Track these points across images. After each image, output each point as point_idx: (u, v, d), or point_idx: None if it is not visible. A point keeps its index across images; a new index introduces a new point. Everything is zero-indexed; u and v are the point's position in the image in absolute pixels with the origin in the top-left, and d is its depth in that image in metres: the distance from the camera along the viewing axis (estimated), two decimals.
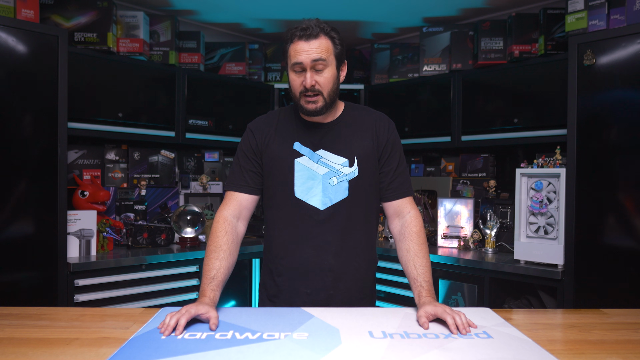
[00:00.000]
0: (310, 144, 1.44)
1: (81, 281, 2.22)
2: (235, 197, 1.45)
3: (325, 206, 1.42)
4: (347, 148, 1.43)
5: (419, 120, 3.13)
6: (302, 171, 1.42)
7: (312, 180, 1.42)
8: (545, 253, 2.27)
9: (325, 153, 1.43)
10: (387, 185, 1.47)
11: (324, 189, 1.41)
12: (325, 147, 1.43)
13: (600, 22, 2.22)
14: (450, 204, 2.88)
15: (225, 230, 1.37)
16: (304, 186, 1.42)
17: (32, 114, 2.11)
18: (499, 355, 1.01)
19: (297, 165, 1.42)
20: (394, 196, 1.47)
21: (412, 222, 1.43)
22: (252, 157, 1.47)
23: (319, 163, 1.42)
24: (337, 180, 1.42)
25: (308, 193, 1.42)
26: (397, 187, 1.47)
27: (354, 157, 1.43)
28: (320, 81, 1.35)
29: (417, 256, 1.37)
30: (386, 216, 1.52)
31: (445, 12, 3.01)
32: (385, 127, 1.48)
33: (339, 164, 1.42)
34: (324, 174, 1.41)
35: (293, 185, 1.42)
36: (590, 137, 2.18)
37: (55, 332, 1.15)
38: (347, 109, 1.50)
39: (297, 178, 1.42)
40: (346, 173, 1.42)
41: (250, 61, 3.34)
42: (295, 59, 1.34)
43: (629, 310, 1.42)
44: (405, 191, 1.48)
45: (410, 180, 1.52)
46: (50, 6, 2.50)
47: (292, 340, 1.09)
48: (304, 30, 1.34)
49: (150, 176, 3.02)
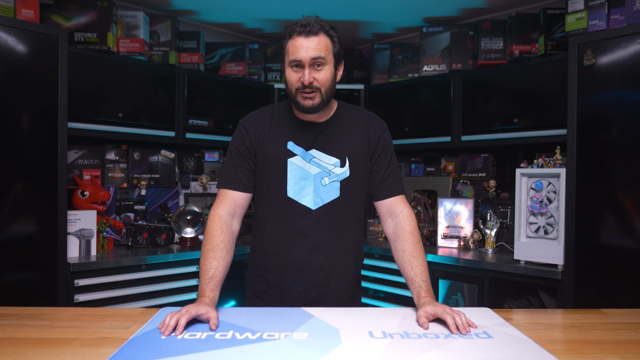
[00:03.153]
0: (303, 143, 1.43)
1: (81, 281, 2.22)
2: (229, 195, 1.44)
3: (317, 206, 1.42)
4: (339, 148, 1.43)
5: (419, 120, 3.13)
6: (295, 171, 1.42)
7: (304, 180, 1.42)
8: (545, 253, 2.27)
9: (317, 153, 1.43)
10: (378, 184, 1.47)
11: (316, 188, 1.41)
12: (317, 147, 1.43)
13: (600, 22, 2.22)
14: (450, 204, 2.88)
15: (221, 229, 1.37)
16: (297, 186, 1.42)
17: (32, 114, 2.11)
18: (499, 355, 1.01)
19: (290, 164, 1.42)
20: (385, 195, 1.47)
21: (406, 221, 1.42)
22: (246, 154, 1.45)
23: (311, 163, 1.42)
24: (329, 180, 1.42)
25: (300, 193, 1.42)
26: (388, 186, 1.47)
27: (345, 158, 1.43)
28: (318, 78, 1.35)
29: (413, 256, 1.36)
30: (379, 216, 1.51)
31: (445, 12, 3.01)
32: (376, 128, 1.48)
33: (331, 164, 1.42)
34: (316, 174, 1.42)
35: (286, 184, 1.42)
36: (590, 137, 2.18)
37: (55, 332, 1.15)
38: (340, 108, 1.50)
39: (290, 178, 1.42)
40: (338, 173, 1.42)
41: (250, 61, 3.34)
42: (294, 55, 1.33)
43: (629, 310, 1.42)
44: (396, 190, 1.47)
45: (402, 179, 1.51)
46: (50, 6, 2.50)
47: (292, 340, 1.09)
48: (304, 27, 1.33)
49: (150, 176, 3.02)
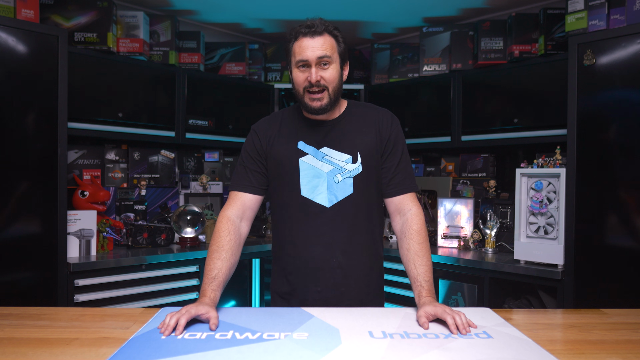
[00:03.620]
0: (314, 142, 1.44)
1: (81, 281, 2.22)
2: (239, 197, 1.45)
3: (332, 203, 1.42)
4: (350, 144, 1.43)
5: (419, 120, 3.13)
6: (307, 170, 1.42)
7: (317, 178, 1.42)
8: (545, 253, 2.27)
9: (329, 150, 1.43)
10: (389, 181, 1.46)
11: (329, 186, 1.41)
12: (328, 144, 1.43)
13: (600, 22, 2.22)
14: (450, 204, 2.88)
15: (227, 230, 1.37)
16: (310, 184, 1.42)
17: (32, 114, 2.11)
18: (499, 355, 1.01)
19: (302, 164, 1.42)
20: (394, 192, 1.46)
21: (413, 219, 1.42)
22: (257, 157, 1.47)
23: (323, 161, 1.42)
24: (342, 177, 1.42)
25: (314, 191, 1.42)
26: (398, 183, 1.46)
27: (357, 154, 1.43)
28: (325, 76, 1.36)
29: (418, 255, 1.36)
30: (388, 213, 1.51)
31: (445, 12, 3.01)
32: (388, 123, 1.47)
33: (343, 161, 1.42)
34: (328, 172, 1.42)
35: (299, 184, 1.42)
36: (590, 137, 2.18)
37: (55, 332, 1.15)
38: (350, 106, 1.50)
39: (303, 177, 1.42)
40: (350, 170, 1.42)
41: (250, 61, 3.34)
42: (301, 55, 1.34)
43: (629, 310, 1.42)
44: (407, 187, 1.46)
45: (413, 176, 1.49)
46: (50, 6, 2.50)
47: (292, 340, 1.09)
48: (309, 28, 1.35)
49: (150, 176, 3.02)
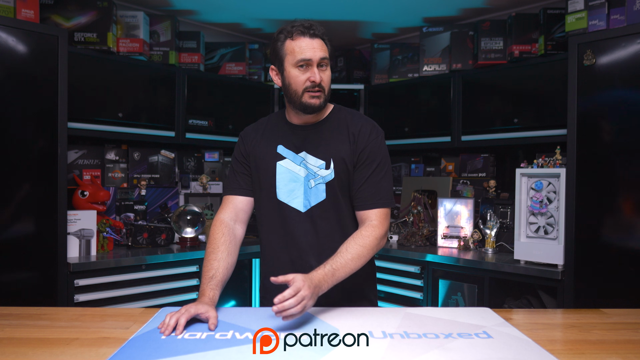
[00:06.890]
0: (293, 146, 1.44)
1: (81, 281, 2.22)
2: (230, 200, 1.48)
3: (306, 208, 1.42)
4: (325, 150, 1.42)
5: (419, 120, 3.13)
6: (284, 173, 1.42)
7: (294, 182, 1.42)
8: (545, 253, 2.27)
9: (306, 155, 1.43)
10: (355, 194, 1.42)
11: (305, 191, 1.42)
12: (307, 149, 1.43)
13: (600, 22, 2.22)
14: (450, 204, 2.88)
15: (222, 232, 1.39)
16: (286, 188, 1.42)
17: (32, 114, 2.11)
18: (499, 355, 1.01)
19: (279, 167, 1.43)
20: (359, 206, 1.41)
21: (367, 229, 1.36)
22: (243, 161, 1.50)
23: (301, 165, 1.42)
24: (315, 182, 1.41)
25: (290, 195, 1.42)
26: (364, 197, 1.40)
27: (330, 160, 1.41)
28: (324, 78, 1.37)
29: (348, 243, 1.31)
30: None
31: (445, 12, 3.01)
32: (366, 134, 1.42)
33: (317, 166, 1.42)
34: (305, 176, 1.42)
35: (276, 187, 1.43)
36: (590, 137, 2.18)
37: (55, 332, 1.15)
38: (334, 110, 1.49)
39: (280, 180, 1.43)
40: (323, 175, 1.41)
41: (250, 61, 3.34)
42: (303, 54, 1.34)
43: (629, 310, 1.42)
44: (373, 203, 1.39)
45: (388, 192, 1.42)
46: (50, 6, 2.50)
47: (292, 340, 1.09)
48: (307, 28, 1.34)
49: (150, 176, 3.02)
